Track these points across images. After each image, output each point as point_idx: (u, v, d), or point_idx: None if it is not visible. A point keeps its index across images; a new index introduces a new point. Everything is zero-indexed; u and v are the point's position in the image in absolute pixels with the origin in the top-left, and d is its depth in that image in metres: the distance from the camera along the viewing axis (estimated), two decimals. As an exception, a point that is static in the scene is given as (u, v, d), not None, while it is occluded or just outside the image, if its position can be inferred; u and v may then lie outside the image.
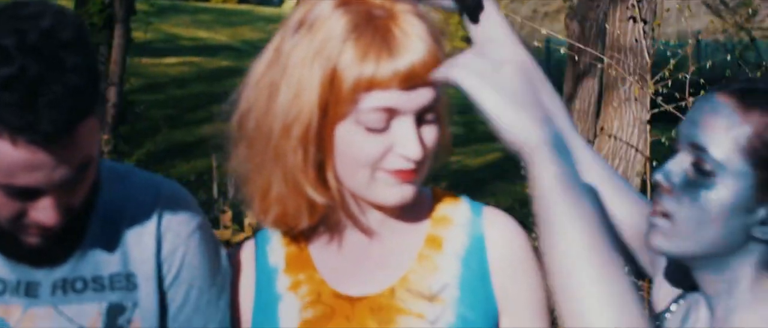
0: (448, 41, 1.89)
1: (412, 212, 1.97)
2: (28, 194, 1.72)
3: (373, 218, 1.96)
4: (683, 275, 1.85)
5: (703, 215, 1.71)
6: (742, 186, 1.70)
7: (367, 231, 1.97)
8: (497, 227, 1.97)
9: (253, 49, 2.02)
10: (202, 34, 21.86)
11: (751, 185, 1.69)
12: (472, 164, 15.24)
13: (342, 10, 1.85)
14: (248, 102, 1.91)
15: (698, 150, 1.72)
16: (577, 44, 6.07)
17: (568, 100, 6.67)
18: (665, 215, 1.74)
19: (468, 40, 1.98)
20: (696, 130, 1.72)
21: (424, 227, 1.98)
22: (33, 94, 1.62)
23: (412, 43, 1.82)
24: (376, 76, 1.81)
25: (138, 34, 16.76)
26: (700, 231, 1.72)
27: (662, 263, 1.93)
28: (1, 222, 1.76)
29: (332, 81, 1.83)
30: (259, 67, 1.91)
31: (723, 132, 1.70)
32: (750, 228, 1.71)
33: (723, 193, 1.70)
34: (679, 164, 1.74)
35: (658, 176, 1.74)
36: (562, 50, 5.73)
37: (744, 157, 1.69)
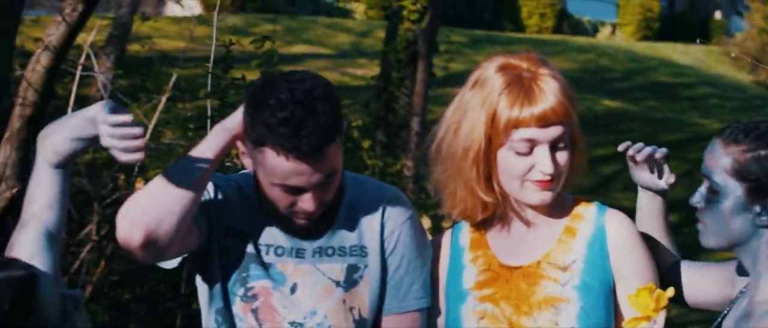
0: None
1: (556, 210, 2.86)
2: (297, 191, 2.72)
3: (528, 214, 2.86)
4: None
5: (720, 219, 2.57)
6: (737, 195, 2.54)
7: (524, 222, 2.87)
8: (615, 222, 2.82)
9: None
10: (514, 64, 22.40)
11: (742, 193, 2.53)
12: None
13: (501, 73, 2.77)
14: (441, 134, 2.85)
15: (707, 179, 2.59)
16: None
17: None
18: (703, 223, 2.61)
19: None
20: (705, 165, 2.59)
21: (564, 221, 2.86)
22: (298, 128, 2.63)
23: (546, 96, 2.72)
24: (520, 117, 2.72)
25: (453, 65, 17.76)
26: (722, 229, 2.58)
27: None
28: (282, 209, 2.77)
29: (493, 121, 2.74)
30: (449, 110, 2.85)
31: (715, 163, 2.57)
32: (753, 220, 2.54)
33: (726, 203, 2.56)
34: (702, 189, 2.61)
35: (692, 200, 2.62)
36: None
37: (732, 177, 2.54)
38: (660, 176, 2.83)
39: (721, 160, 2.56)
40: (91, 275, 10.08)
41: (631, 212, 2.92)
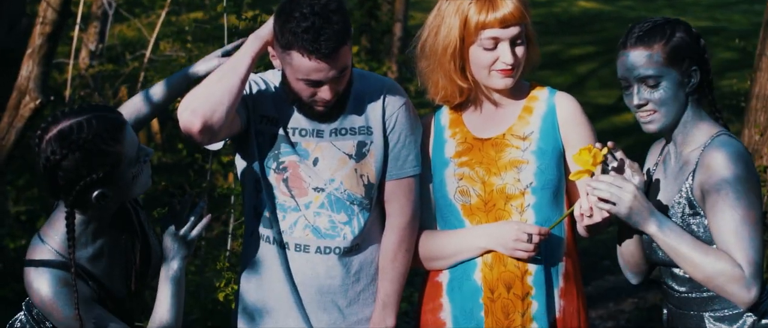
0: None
1: (517, 93, 3.67)
2: (317, 84, 3.50)
3: (495, 96, 3.66)
4: None
5: (669, 100, 3.26)
6: (674, 76, 3.25)
7: (491, 103, 3.67)
8: (563, 101, 3.63)
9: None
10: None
11: (675, 73, 3.24)
12: (743, 88, 15.73)
13: None
14: (424, 37, 3.64)
15: (644, 78, 3.25)
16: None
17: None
18: (652, 112, 3.27)
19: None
20: (634, 70, 3.25)
21: (523, 102, 3.67)
22: (318, 35, 3.40)
23: (506, 3, 3.51)
24: (486, 21, 3.51)
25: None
26: (671, 108, 3.26)
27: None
28: (305, 99, 3.55)
29: (465, 24, 3.53)
30: (430, 17, 3.63)
31: (647, 61, 3.25)
32: (685, 90, 3.26)
33: (669, 86, 3.26)
34: (639, 90, 3.26)
35: (637, 101, 3.26)
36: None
37: (664, 66, 3.24)
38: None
39: (651, 59, 3.24)
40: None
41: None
